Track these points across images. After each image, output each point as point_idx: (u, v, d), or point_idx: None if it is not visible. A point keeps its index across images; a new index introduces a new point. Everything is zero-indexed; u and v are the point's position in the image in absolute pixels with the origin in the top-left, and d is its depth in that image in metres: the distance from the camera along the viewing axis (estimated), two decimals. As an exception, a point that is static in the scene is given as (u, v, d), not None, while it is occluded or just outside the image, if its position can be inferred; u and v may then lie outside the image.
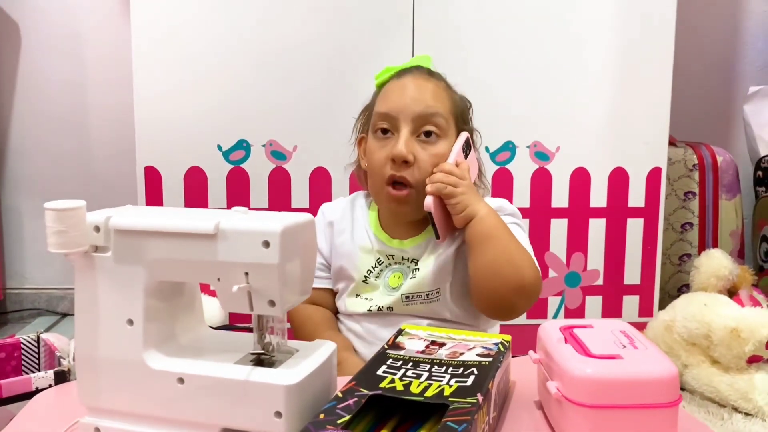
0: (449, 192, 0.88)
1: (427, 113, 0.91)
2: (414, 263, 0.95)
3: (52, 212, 0.57)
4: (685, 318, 1.44)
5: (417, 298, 0.93)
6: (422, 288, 0.93)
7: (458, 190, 0.88)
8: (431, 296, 0.93)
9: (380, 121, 0.93)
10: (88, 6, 2.05)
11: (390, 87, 0.96)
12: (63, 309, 2.14)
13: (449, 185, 0.88)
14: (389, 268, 0.96)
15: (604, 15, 1.59)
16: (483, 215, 0.88)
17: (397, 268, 0.96)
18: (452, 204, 0.88)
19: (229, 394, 0.56)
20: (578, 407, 0.56)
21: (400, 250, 0.96)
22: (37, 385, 0.82)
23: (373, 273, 0.96)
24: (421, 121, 0.91)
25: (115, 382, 0.60)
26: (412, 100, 0.92)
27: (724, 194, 1.92)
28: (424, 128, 0.91)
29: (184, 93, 1.53)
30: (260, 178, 1.56)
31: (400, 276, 0.95)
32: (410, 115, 0.91)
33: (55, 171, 2.11)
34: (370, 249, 0.97)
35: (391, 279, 0.95)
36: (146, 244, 0.58)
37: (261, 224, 0.55)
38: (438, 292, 0.93)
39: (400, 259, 0.96)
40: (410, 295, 0.93)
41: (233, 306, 0.57)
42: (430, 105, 0.92)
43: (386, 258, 0.96)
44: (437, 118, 0.92)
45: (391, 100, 0.93)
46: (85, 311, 0.61)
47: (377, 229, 0.99)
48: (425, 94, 0.93)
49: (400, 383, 0.58)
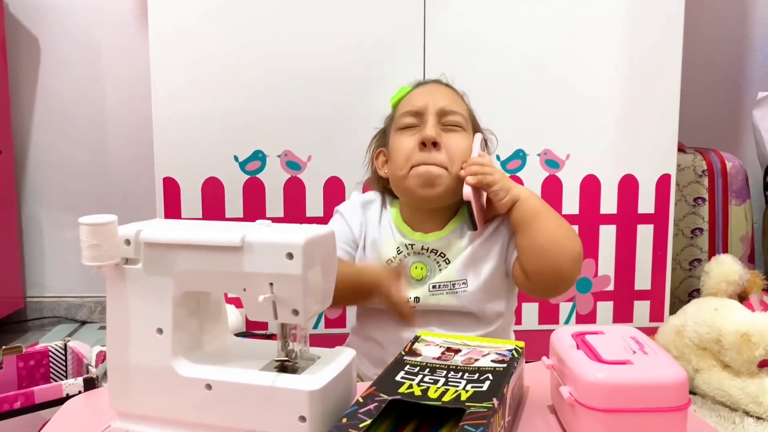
0: (491, 180, 0.90)
1: (450, 108, 0.97)
2: (441, 256, 0.96)
3: (86, 227, 0.59)
4: (695, 323, 1.45)
5: (444, 288, 0.95)
6: (449, 278, 0.95)
7: (495, 177, 0.91)
8: (458, 286, 0.94)
9: (406, 118, 0.98)
10: (106, 20, 2.09)
11: (413, 93, 1.02)
12: (82, 317, 2.17)
13: (488, 175, 0.91)
14: (408, 258, 0.97)
15: (613, 23, 1.60)
16: (527, 195, 0.92)
17: (418, 258, 0.97)
18: (495, 191, 0.91)
19: (255, 399, 0.58)
20: (590, 411, 0.58)
21: (421, 242, 0.97)
22: (68, 392, 0.85)
23: (393, 262, 0.98)
24: (445, 113, 0.97)
25: (145, 389, 0.62)
26: (436, 96, 0.99)
27: (734, 200, 1.92)
28: (448, 120, 0.96)
29: (202, 104, 1.56)
30: (276, 187, 1.59)
31: (423, 267, 0.97)
32: (435, 107, 0.97)
33: (74, 182, 2.14)
34: (392, 240, 0.99)
35: (413, 270, 0.97)
36: (175, 256, 0.60)
37: (285, 237, 0.58)
38: (465, 282, 0.94)
39: (420, 249, 0.97)
40: (437, 284, 0.95)
41: (259, 315, 0.60)
42: (452, 103, 0.98)
43: (406, 248, 0.98)
44: (459, 114, 0.98)
45: (416, 98, 1.00)
46: (116, 321, 0.63)
47: (399, 223, 1.01)
48: (446, 93, 1.01)
49: (418, 389, 0.60)
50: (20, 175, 2.14)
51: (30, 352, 1.03)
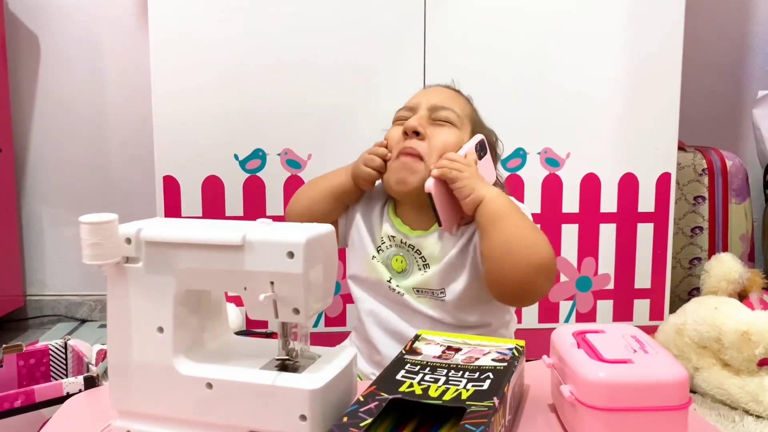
0: (454, 176, 0.88)
1: (442, 105, 0.98)
2: (417, 253, 0.96)
3: (87, 225, 0.59)
4: (695, 321, 1.45)
5: (426, 294, 0.95)
6: (430, 285, 0.95)
7: (463, 174, 0.89)
8: (437, 294, 0.95)
9: (401, 112, 1.01)
10: (106, 18, 2.09)
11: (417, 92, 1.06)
12: (82, 315, 2.18)
13: (454, 170, 0.89)
14: (390, 249, 0.98)
15: (613, 22, 1.60)
16: (491, 197, 0.88)
17: (398, 251, 0.97)
18: (458, 188, 0.88)
19: (255, 398, 0.58)
20: (591, 410, 0.58)
21: (404, 234, 0.97)
22: (68, 390, 0.85)
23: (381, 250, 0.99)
24: (436, 109, 0.97)
25: (145, 387, 0.62)
26: (432, 94, 1.01)
27: (734, 198, 1.92)
28: (438, 115, 0.97)
29: (202, 103, 1.56)
30: (276, 186, 1.59)
31: (403, 260, 0.97)
32: (428, 103, 0.98)
33: (74, 180, 2.14)
34: (379, 229, 1.00)
35: (394, 261, 0.98)
36: (176, 255, 0.61)
37: (285, 235, 0.58)
38: (443, 292, 0.94)
39: (399, 242, 0.97)
40: (420, 289, 0.95)
41: (259, 313, 0.60)
42: (447, 100, 0.99)
43: (389, 239, 0.98)
44: (452, 111, 0.98)
45: (416, 96, 1.03)
46: (117, 319, 0.63)
47: (392, 214, 1.01)
48: (445, 93, 1.02)
49: (418, 387, 0.60)
50: (20, 173, 2.13)
51: (30, 350, 1.03)
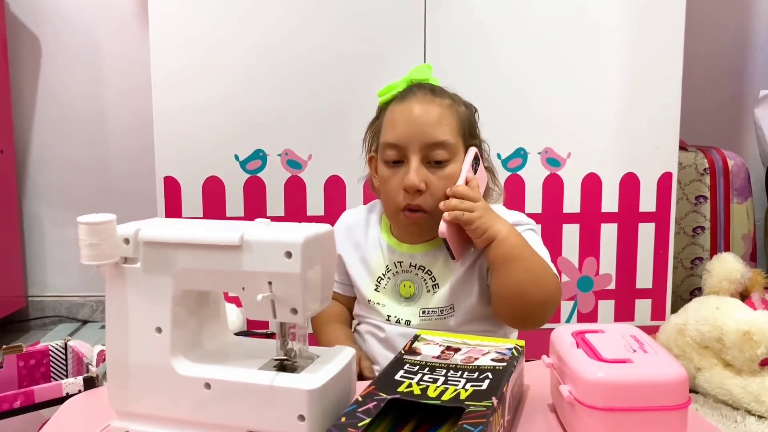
0: (467, 219, 0.88)
1: (434, 142, 0.91)
2: (428, 273, 0.96)
3: (85, 226, 0.59)
4: (697, 321, 1.45)
5: (433, 314, 0.94)
6: (439, 304, 0.95)
7: (475, 214, 0.88)
8: (445, 312, 0.94)
9: (389, 151, 0.93)
10: (107, 19, 2.10)
11: (395, 113, 0.95)
12: (83, 316, 2.18)
13: (465, 211, 0.88)
14: (398, 276, 0.97)
15: (614, 21, 1.60)
16: (504, 236, 0.88)
17: (407, 276, 0.97)
18: (472, 229, 0.89)
19: (254, 398, 0.58)
20: (590, 410, 0.58)
21: (410, 255, 0.97)
22: (68, 391, 0.85)
23: (383, 281, 0.98)
24: (429, 149, 0.92)
25: (144, 388, 0.62)
26: (419, 128, 0.91)
27: (736, 198, 1.92)
28: (433, 156, 0.92)
29: (202, 104, 1.56)
30: (276, 186, 1.59)
31: (411, 285, 0.96)
32: (418, 144, 0.91)
33: (75, 181, 2.15)
34: (381, 256, 0.99)
35: (402, 288, 0.97)
36: (174, 255, 0.60)
37: (283, 235, 0.57)
38: (452, 308, 0.94)
39: (408, 267, 0.97)
40: (427, 310, 0.95)
41: (257, 314, 0.59)
42: (437, 132, 0.91)
43: (395, 266, 0.98)
44: (445, 145, 0.92)
45: (398, 129, 0.93)
46: (115, 319, 0.63)
47: (388, 237, 1.00)
48: (431, 118, 0.92)
49: (417, 387, 0.59)
50: (21, 174, 2.14)
51: (30, 351, 1.03)
